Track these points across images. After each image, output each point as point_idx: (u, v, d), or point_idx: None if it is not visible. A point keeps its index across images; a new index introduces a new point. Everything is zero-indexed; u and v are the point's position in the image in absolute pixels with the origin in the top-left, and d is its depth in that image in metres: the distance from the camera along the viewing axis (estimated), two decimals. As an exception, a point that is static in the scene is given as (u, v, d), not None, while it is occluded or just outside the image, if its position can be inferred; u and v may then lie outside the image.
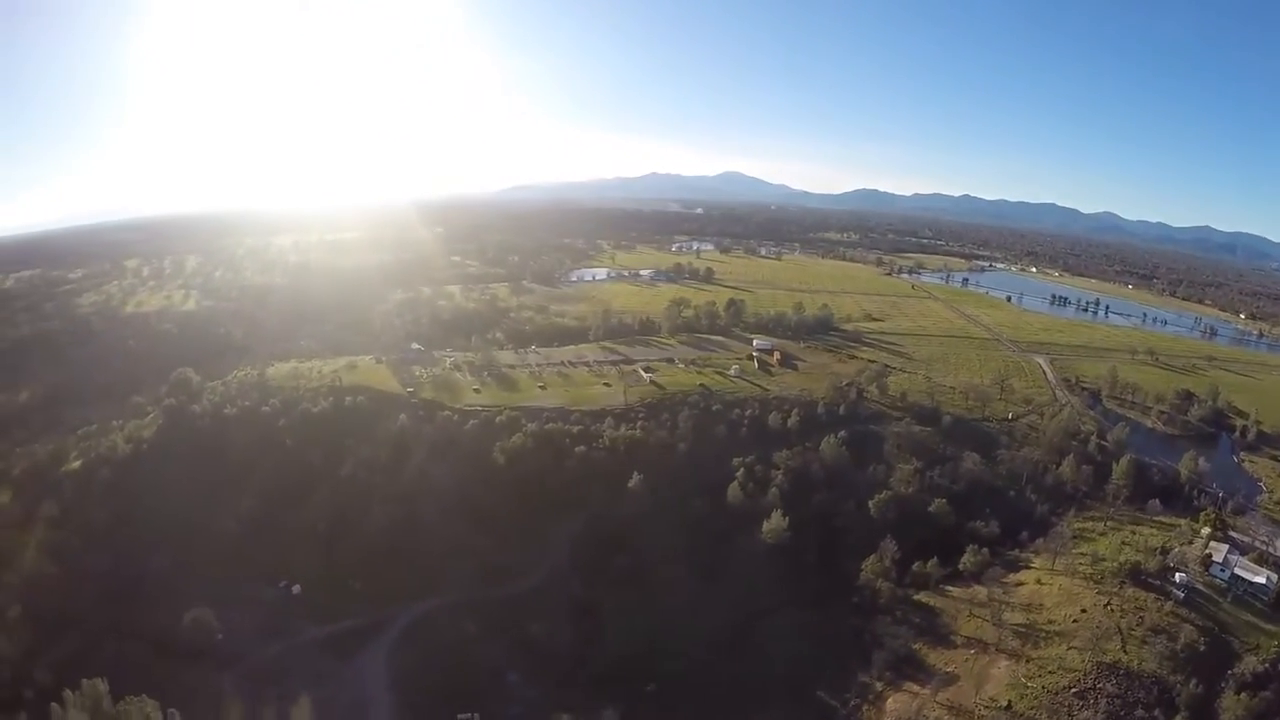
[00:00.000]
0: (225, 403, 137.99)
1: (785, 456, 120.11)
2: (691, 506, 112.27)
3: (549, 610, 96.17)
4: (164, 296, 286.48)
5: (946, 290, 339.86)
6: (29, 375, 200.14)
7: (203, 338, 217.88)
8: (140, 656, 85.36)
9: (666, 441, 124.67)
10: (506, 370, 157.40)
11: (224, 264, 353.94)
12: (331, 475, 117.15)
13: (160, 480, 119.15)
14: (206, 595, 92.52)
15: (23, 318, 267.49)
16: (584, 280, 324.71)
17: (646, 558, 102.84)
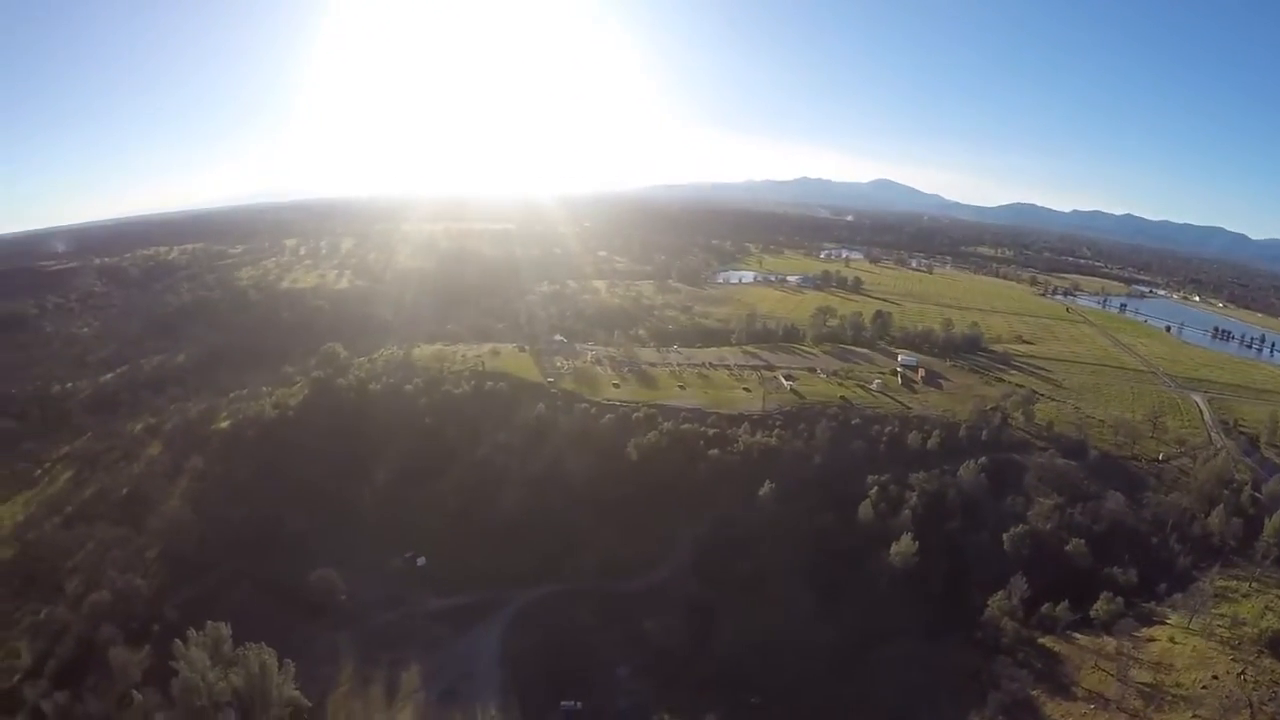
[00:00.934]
0: (370, 378, 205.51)
1: (921, 479, 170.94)
2: (820, 520, 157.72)
3: (665, 609, 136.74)
4: (319, 275, 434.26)
5: (1102, 316, 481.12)
6: (188, 339, 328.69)
7: (353, 316, 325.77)
8: (264, 608, 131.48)
9: (801, 452, 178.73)
10: (647, 367, 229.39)
11: (377, 247, 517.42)
12: (467, 456, 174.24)
13: (302, 446, 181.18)
14: (334, 557, 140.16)
15: (185, 287, 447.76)
16: (730, 282, 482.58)
17: (768, 568, 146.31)
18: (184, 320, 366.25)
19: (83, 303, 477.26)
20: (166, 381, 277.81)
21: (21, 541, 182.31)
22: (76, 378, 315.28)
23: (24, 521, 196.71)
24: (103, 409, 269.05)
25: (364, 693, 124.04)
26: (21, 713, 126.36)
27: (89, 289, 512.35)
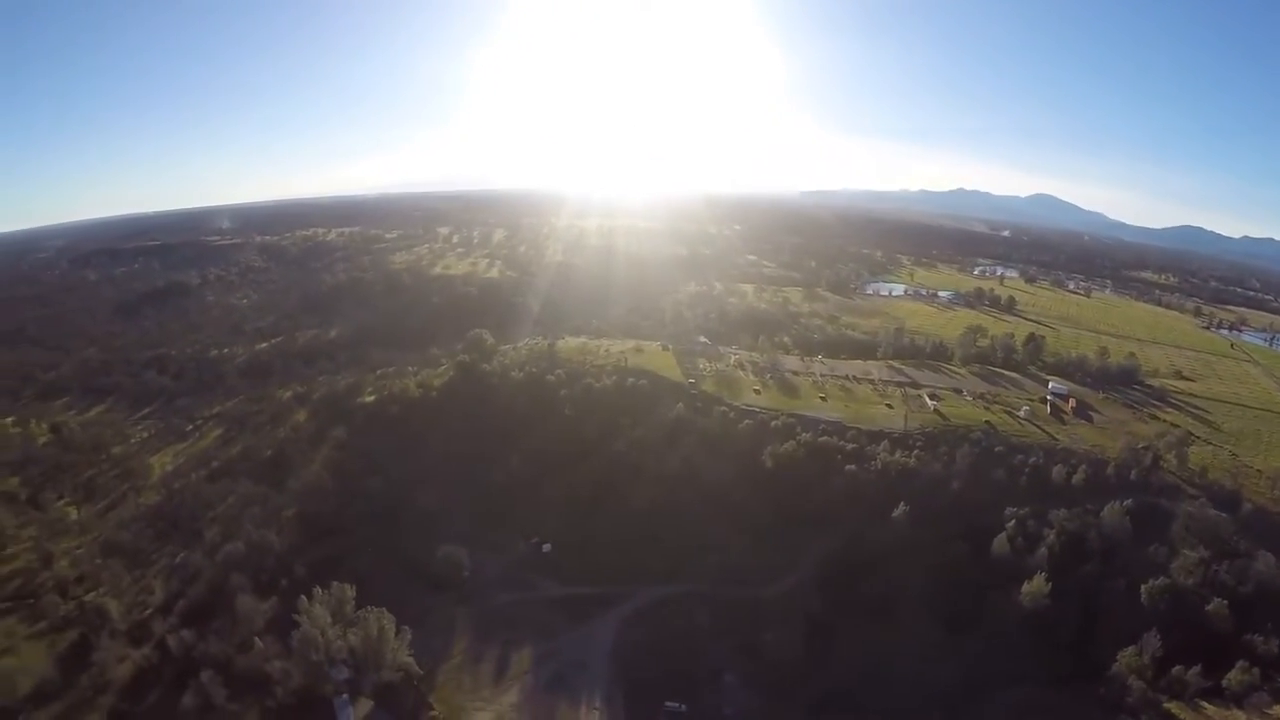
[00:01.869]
0: (514, 366, 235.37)
1: (1062, 516, 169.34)
2: (952, 549, 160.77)
3: (783, 622, 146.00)
4: (470, 263, 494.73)
5: (1269, 355, 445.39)
6: (340, 317, 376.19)
7: (501, 305, 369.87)
8: (388, 575, 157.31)
9: (940, 476, 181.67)
10: (789, 375, 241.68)
11: (528, 240, 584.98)
12: (602, 450, 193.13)
13: (441, 426, 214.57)
14: (462, 536, 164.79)
15: (340, 267, 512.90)
16: (879, 294, 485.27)
17: (894, 592, 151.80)
18: (337, 299, 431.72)
19: (243, 276, 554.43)
20: (317, 354, 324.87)
21: (168, 489, 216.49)
22: (233, 344, 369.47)
23: (172, 471, 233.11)
24: (255, 375, 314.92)
25: (474, 668, 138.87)
26: (149, 644, 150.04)
27: (250, 264, 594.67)
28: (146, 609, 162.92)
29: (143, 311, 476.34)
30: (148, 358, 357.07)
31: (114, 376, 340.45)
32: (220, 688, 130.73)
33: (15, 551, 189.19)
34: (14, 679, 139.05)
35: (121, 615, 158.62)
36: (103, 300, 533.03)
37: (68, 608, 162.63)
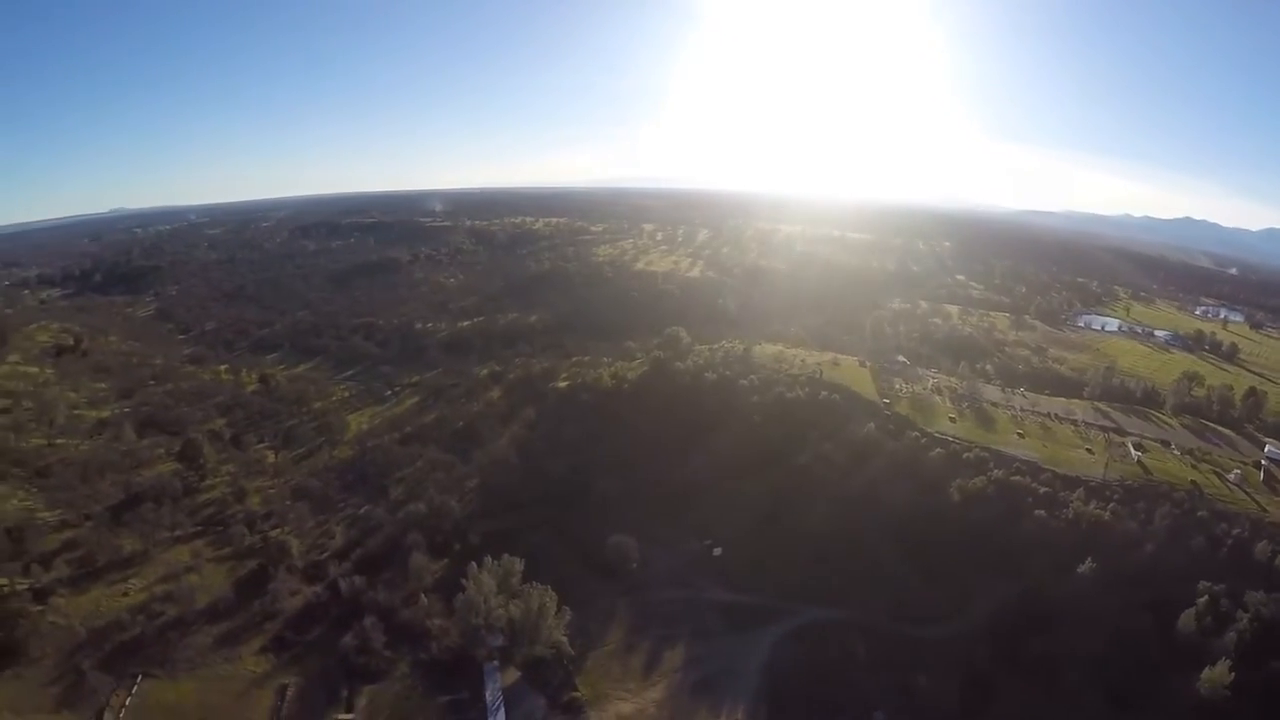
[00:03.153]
0: (708, 367, 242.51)
1: (1259, 600, 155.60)
2: (1135, 618, 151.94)
3: (943, 667, 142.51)
4: (672, 260, 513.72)
5: None
6: (541, 303, 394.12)
7: (699, 305, 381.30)
8: (557, 556, 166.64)
9: (1133, 535, 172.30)
10: (988, 406, 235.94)
11: (731, 241, 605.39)
12: (786, 460, 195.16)
13: (629, 419, 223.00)
14: (635, 528, 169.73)
15: (545, 255, 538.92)
16: (1090, 327, 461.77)
17: (1065, 654, 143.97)
18: (540, 285, 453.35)
19: (452, 257, 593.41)
20: (516, 337, 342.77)
21: (361, 446, 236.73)
22: (437, 320, 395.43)
23: (367, 431, 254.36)
24: (455, 351, 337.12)
25: (625, 658, 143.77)
26: (321, 583, 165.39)
27: (459, 246, 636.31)
28: (324, 551, 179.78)
29: (354, 282, 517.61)
30: (356, 325, 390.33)
31: (323, 339, 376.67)
32: (380, 634, 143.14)
33: (214, 483, 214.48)
34: (194, 594, 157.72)
35: (300, 554, 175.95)
36: (318, 269, 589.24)
37: (252, 539, 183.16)
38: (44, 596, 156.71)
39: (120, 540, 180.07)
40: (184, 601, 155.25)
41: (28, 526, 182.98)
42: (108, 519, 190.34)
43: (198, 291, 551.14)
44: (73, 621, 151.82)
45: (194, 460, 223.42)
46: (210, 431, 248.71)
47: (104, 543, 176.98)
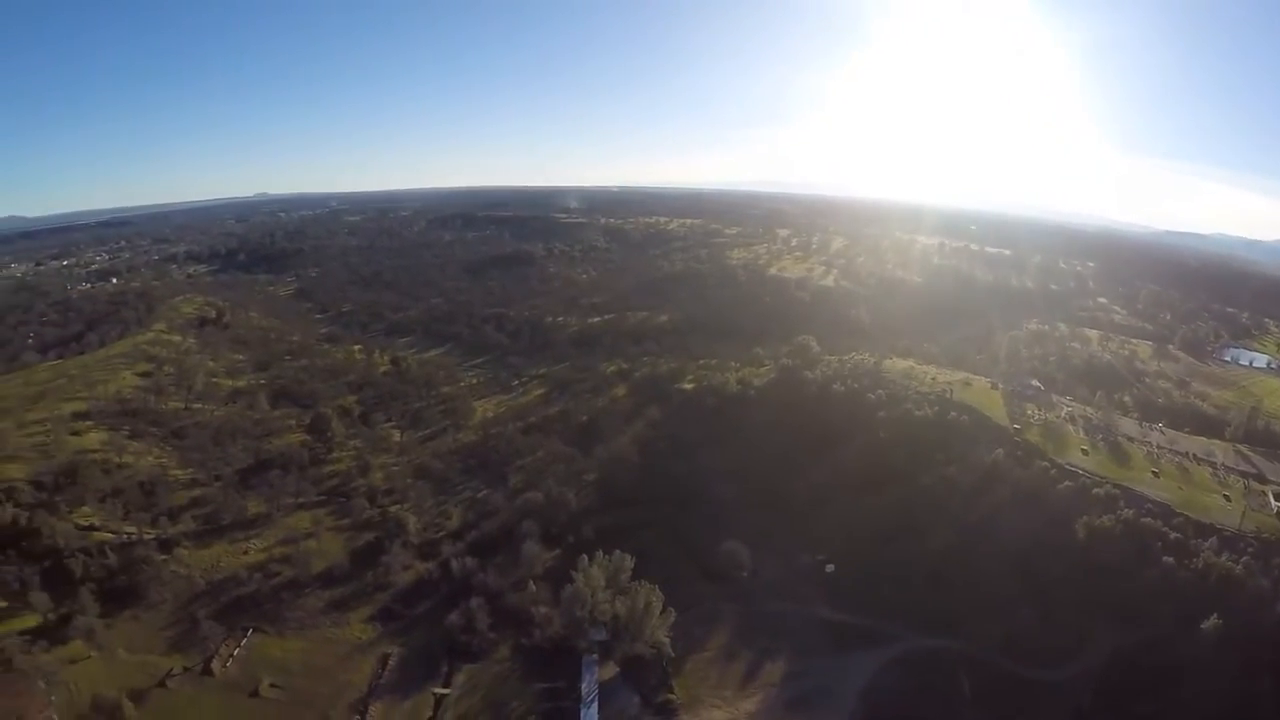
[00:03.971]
0: (836, 378, 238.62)
1: None
2: (1255, 683, 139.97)
3: (1049, 712, 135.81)
4: (805, 267, 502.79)
5: None
6: (672, 303, 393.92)
7: (831, 314, 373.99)
8: (669, 556, 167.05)
9: (1265, 594, 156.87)
10: (1123, 440, 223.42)
11: (867, 251, 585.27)
12: (909, 480, 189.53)
13: (753, 425, 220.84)
14: (748, 536, 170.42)
15: (678, 256, 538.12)
16: (1238, 362, 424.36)
17: (1176, 715, 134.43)
18: (671, 286, 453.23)
19: (585, 254, 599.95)
20: (645, 336, 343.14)
21: (486, 433, 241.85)
22: (567, 315, 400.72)
23: (492, 418, 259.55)
24: (583, 346, 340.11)
25: (724, 666, 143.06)
26: (434, 561, 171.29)
27: (593, 243, 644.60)
28: (440, 531, 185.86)
29: (488, 273, 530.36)
30: (487, 314, 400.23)
31: (455, 326, 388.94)
32: (486, 615, 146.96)
33: (339, 457, 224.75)
34: (310, 559, 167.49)
35: (416, 531, 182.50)
36: (454, 259, 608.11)
37: (372, 513, 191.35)
38: (169, 547, 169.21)
39: (246, 502, 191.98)
40: (300, 565, 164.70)
41: (160, 482, 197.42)
42: (236, 481, 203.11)
43: (337, 274, 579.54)
44: (193, 573, 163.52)
45: (322, 433, 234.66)
46: (340, 407, 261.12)
47: (230, 503, 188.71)
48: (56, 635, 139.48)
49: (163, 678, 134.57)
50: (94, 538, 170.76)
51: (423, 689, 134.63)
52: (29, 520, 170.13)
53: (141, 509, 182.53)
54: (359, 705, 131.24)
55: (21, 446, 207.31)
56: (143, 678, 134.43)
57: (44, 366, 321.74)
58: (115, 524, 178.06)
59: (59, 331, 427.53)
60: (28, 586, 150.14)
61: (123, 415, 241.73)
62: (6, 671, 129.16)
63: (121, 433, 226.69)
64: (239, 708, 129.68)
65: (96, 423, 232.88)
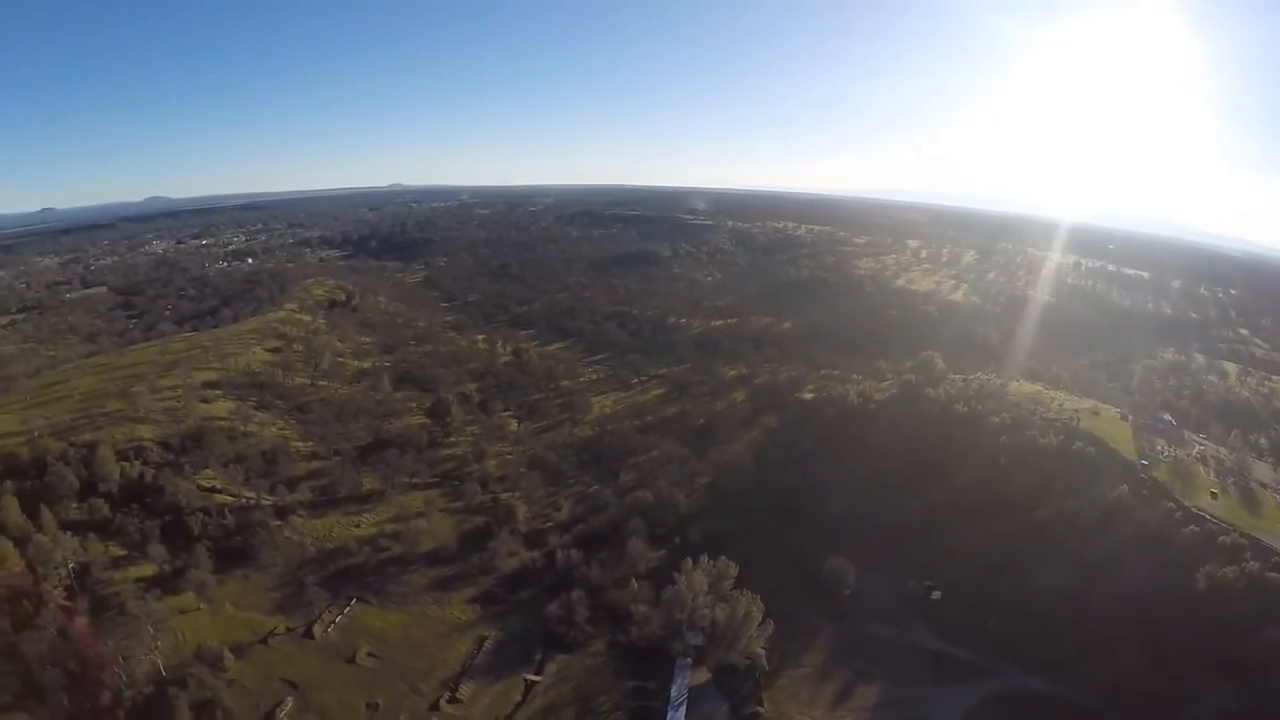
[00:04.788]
0: (959, 398, 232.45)
1: None
2: None
3: None
4: (934, 281, 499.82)
5: None
6: (795, 311, 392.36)
7: (958, 331, 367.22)
8: (773, 567, 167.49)
9: None
10: (1255, 486, 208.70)
11: (999, 267, 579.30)
12: (1026, 511, 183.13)
13: (870, 440, 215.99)
14: (855, 553, 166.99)
15: (805, 263, 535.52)
16: None
17: None
18: (796, 293, 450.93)
19: (711, 256, 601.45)
20: (766, 342, 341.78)
21: (601, 429, 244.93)
22: (690, 316, 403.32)
23: (609, 415, 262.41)
24: (705, 348, 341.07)
25: (817, 685, 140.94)
26: (539, 550, 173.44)
27: (719, 245, 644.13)
28: (548, 521, 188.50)
29: (613, 271, 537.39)
30: (610, 312, 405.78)
31: (577, 321, 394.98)
32: (585, 608, 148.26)
33: (457, 441, 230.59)
34: (420, 538, 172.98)
35: (525, 520, 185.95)
36: (580, 255, 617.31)
37: (483, 498, 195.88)
38: (284, 514, 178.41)
39: (362, 478, 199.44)
40: (409, 542, 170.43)
41: (281, 452, 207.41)
42: (354, 457, 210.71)
43: (464, 265, 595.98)
44: (305, 540, 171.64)
45: (442, 418, 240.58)
46: (460, 394, 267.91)
47: (347, 477, 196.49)
48: (169, 586, 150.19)
49: (265, 635, 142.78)
50: (214, 499, 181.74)
51: (515, 674, 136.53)
52: (154, 478, 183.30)
53: (262, 476, 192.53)
54: (450, 682, 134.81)
55: (154, 410, 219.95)
56: (246, 633, 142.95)
57: (179, 337, 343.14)
58: (235, 488, 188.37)
59: (195, 305, 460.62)
60: (148, 538, 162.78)
61: (251, 387, 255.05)
62: (119, 614, 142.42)
63: (248, 403, 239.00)
64: (334, 671, 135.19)
65: (225, 393, 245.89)
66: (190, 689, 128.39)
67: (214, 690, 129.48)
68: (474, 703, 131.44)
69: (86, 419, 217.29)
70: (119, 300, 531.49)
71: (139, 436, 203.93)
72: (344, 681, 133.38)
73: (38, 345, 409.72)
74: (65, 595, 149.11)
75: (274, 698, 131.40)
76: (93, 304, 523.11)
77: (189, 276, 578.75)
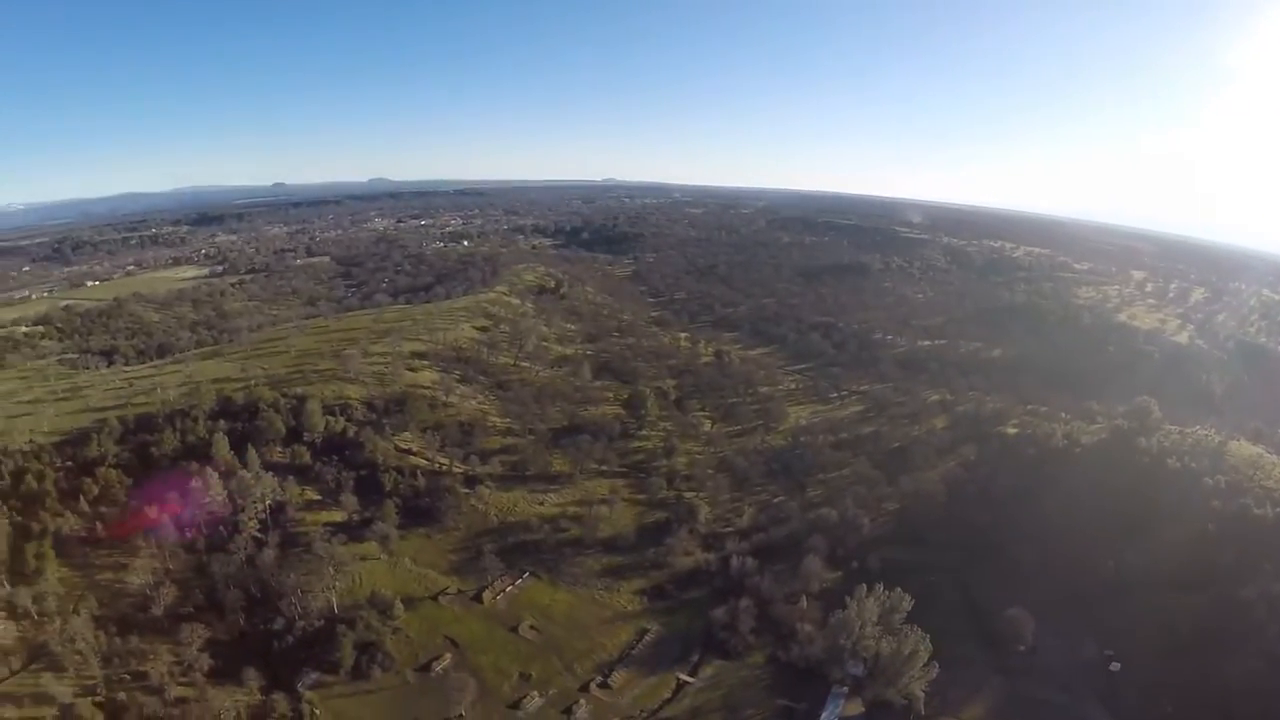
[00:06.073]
0: (1172, 453, 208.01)
1: None
2: None
3: None
4: (1158, 318, 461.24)
5: None
6: (1007, 337, 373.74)
7: (1179, 376, 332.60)
8: (948, 607, 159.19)
9: None
10: None
11: (1229, 307, 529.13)
12: (1228, 587, 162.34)
13: (1070, 487, 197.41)
14: (1036, 606, 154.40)
15: (1021, 287, 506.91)
16: None
17: None
18: (1009, 318, 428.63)
19: (923, 272, 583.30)
20: (973, 369, 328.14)
21: (794, 439, 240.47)
22: (896, 334, 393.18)
23: (804, 426, 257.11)
24: (908, 368, 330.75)
25: None
26: (715, 554, 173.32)
27: (932, 262, 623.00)
28: (728, 526, 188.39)
29: (822, 280, 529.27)
30: (816, 322, 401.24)
31: (781, 328, 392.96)
32: (750, 618, 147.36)
33: (649, 435, 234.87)
34: (599, 524, 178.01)
35: (706, 521, 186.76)
36: (789, 261, 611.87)
37: (667, 494, 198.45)
38: (473, 483, 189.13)
39: (552, 459, 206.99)
40: (589, 527, 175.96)
41: (478, 425, 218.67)
42: (547, 438, 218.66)
43: (673, 262, 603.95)
44: (489, 510, 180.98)
45: (637, 410, 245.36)
46: (658, 389, 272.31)
47: (538, 457, 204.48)
48: (355, 534, 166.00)
49: (437, 593, 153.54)
50: (409, 461, 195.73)
51: (669, 671, 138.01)
52: (356, 434, 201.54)
53: (456, 445, 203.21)
54: (605, 668, 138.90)
55: (362, 372, 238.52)
56: (419, 588, 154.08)
57: (393, 309, 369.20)
58: (430, 453, 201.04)
59: (410, 281, 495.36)
60: (342, 488, 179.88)
61: (456, 361, 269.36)
62: (305, 552, 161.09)
63: (452, 376, 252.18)
64: (496, 637, 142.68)
65: (431, 364, 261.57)
66: (358, 629, 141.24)
67: (379, 634, 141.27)
68: (623, 691, 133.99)
69: (299, 374, 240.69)
70: (339, 270, 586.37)
71: (346, 395, 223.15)
72: (503, 648, 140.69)
73: (262, 304, 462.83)
74: (258, 528, 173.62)
75: (434, 652, 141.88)
76: (315, 272, 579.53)
77: (407, 253, 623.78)
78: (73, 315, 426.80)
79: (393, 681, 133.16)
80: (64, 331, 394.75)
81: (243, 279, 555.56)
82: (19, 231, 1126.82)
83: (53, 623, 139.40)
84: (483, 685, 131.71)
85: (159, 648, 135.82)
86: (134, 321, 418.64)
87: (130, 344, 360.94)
